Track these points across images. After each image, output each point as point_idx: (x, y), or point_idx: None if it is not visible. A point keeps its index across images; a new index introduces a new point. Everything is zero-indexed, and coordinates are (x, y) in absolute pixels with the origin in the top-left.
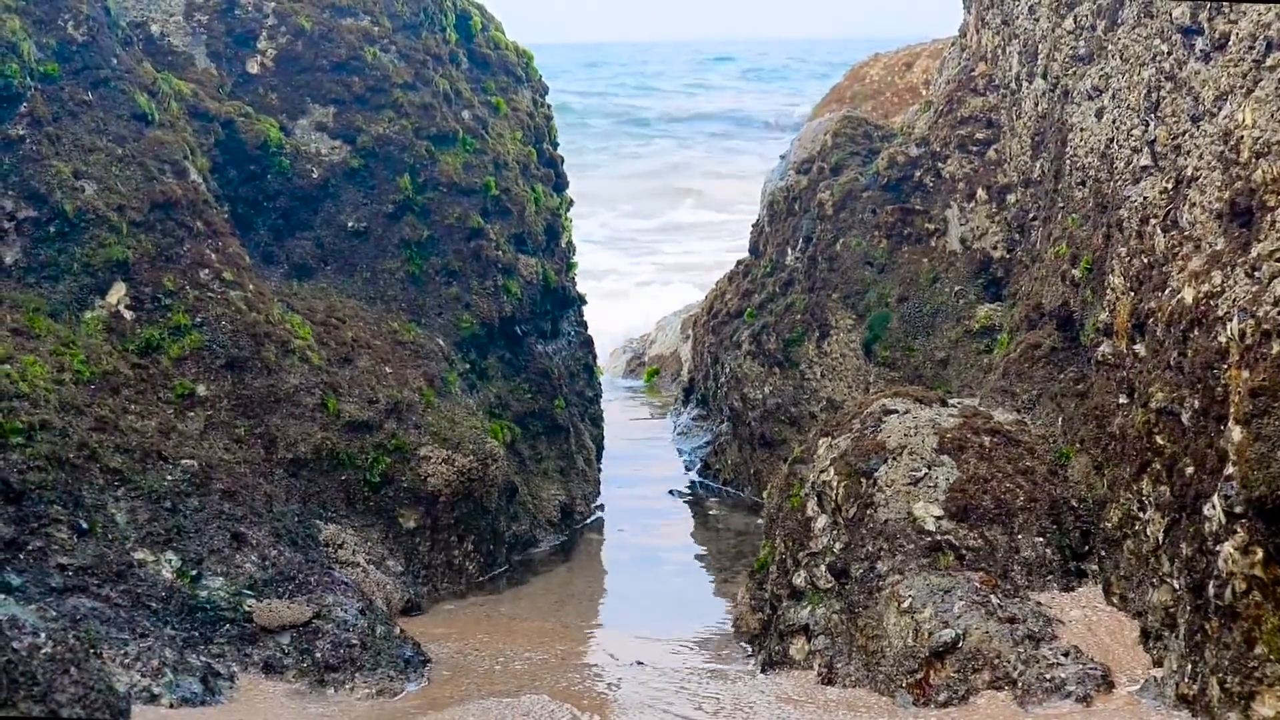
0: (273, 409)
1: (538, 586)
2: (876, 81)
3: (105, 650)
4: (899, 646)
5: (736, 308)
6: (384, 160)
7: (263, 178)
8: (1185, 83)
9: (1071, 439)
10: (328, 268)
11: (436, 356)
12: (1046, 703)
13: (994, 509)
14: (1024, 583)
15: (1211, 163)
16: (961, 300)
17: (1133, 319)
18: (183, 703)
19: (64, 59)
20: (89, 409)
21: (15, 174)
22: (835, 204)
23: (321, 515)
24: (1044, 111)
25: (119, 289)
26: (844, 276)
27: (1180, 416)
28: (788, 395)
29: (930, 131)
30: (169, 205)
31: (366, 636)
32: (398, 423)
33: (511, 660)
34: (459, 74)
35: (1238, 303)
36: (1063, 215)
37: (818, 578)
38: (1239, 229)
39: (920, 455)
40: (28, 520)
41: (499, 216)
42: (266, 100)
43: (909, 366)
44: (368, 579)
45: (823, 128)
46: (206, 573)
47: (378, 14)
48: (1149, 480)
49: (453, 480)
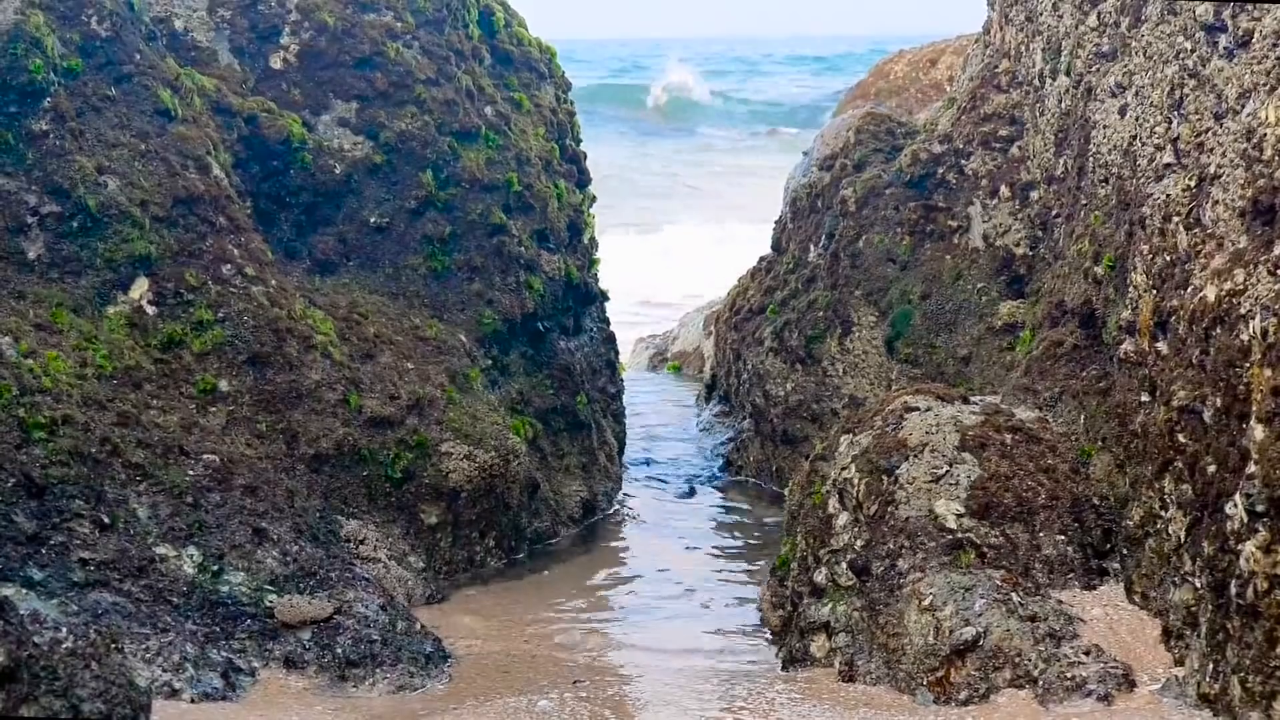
0: (294, 404)
1: (558, 582)
2: (901, 78)
3: (126, 645)
4: (920, 644)
5: (759, 304)
6: (406, 156)
7: (285, 173)
8: (1208, 80)
9: (1093, 437)
10: (350, 263)
11: (458, 352)
12: (1067, 701)
13: (1015, 507)
14: (1045, 581)
15: (1235, 160)
16: (984, 297)
17: (1155, 317)
18: (204, 698)
19: (87, 54)
20: (111, 404)
21: (39, 169)
22: (858, 200)
23: (343, 511)
24: (1067, 108)
25: (141, 284)
26: (866, 273)
27: (1202, 415)
28: (809, 392)
29: (953, 128)
30: (192, 201)
31: (387, 632)
32: (419, 419)
33: (532, 657)
34: (482, 70)
35: (1260, 301)
36: (1085, 212)
37: (839, 575)
38: (1262, 227)
39: (942, 453)
40: (50, 515)
41: (521, 212)
42: (289, 96)
43: (931, 364)
44: (389, 575)
45: (846, 124)
46: (228, 568)
47: (401, 10)
48: (1171, 479)
49: (474, 476)
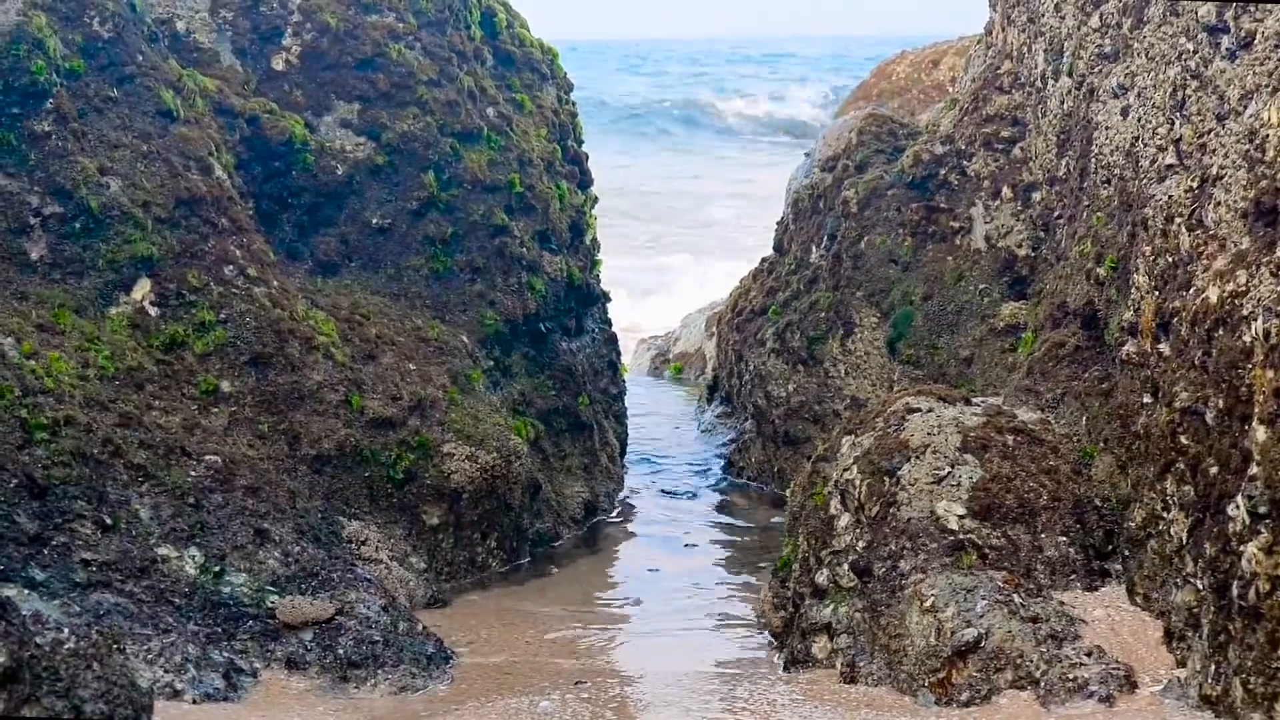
0: (296, 405)
1: (560, 583)
2: (903, 79)
3: (128, 646)
4: (921, 645)
5: (760, 305)
6: (408, 157)
7: (287, 174)
8: (1211, 81)
9: (1095, 438)
10: (352, 264)
11: (460, 353)
12: (1069, 703)
13: (1017, 508)
14: (1047, 582)
15: (1237, 161)
16: (986, 299)
17: (1157, 318)
18: (205, 698)
19: (89, 55)
20: (113, 405)
21: (41, 169)
22: (860, 202)
23: (344, 512)
24: (1069, 110)
25: (144, 285)
26: (868, 274)
27: (1204, 416)
28: (811, 393)
29: (955, 129)
30: (194, 202)
31: (389, 633)
32: (421, 420)
33: (533, 658)
34: (483, 71)
35: (1262, 302)
36: (1088, 214)
37: (840, 576)
38: (1264, 228)
39: (943, 454)
40: (52, 516)
41: (523, 213)
42: (291, 97)
43: (933, 365)
44: (390, 576)
45: (848, 125)
46: (229, 569)
47: (403, 11)
48: (1173, 480)
49: (476, 477)
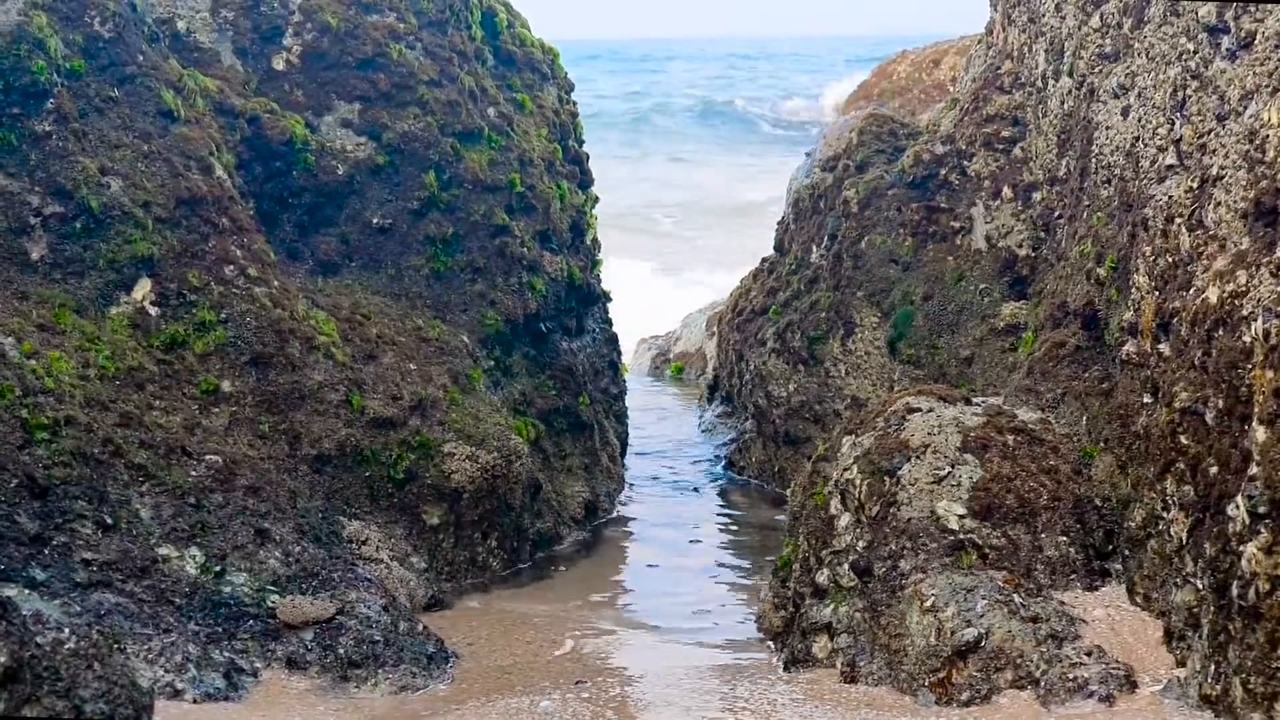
0: (297, 405)
1: (561, 583)
2: (904, 78)
3: (129, 645)
4: (921, 645)
5: (761, 305)
6: (409, 157)
7: (288, 174)
8: (1211, 81)
9: (1096, 438)
10: (352, 264)
11: (461, 353)
12: (1069, 702)
13: (1017, 508)
14: (1047, 582)
15: (1237, 162)
16: (986, 298)
17: (1157, 318)
18: (206, 698)
19: (90, 55)
20: (114, 405)
21: (42, 169)
22: (860, 201)
23: (345, 511)
24: (1070, 110)
25: (144, 285)
26: (869, 274)
27: (1204, 416)
28: (812, 393)
29: (956, 129)
30: (194, 202)
31: (389, 633)
32: (422, 419)
33: (534, 658)
34: (484, 71)
35: (1262, 303)
36: (1088, 214)
37: (841, 576)
38: (1264, 228)
39: (944, 454)
40: (53, 516)
41: (524, 213)
42: (292, 97)
43: (933, 365)
44: (391, 575)
45: (849, 125)
46: (230, 569)
47: (404, 11)
48: (1173, 480)
49: (476, 477)
